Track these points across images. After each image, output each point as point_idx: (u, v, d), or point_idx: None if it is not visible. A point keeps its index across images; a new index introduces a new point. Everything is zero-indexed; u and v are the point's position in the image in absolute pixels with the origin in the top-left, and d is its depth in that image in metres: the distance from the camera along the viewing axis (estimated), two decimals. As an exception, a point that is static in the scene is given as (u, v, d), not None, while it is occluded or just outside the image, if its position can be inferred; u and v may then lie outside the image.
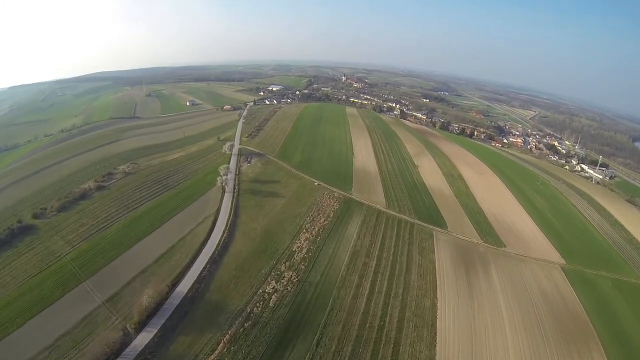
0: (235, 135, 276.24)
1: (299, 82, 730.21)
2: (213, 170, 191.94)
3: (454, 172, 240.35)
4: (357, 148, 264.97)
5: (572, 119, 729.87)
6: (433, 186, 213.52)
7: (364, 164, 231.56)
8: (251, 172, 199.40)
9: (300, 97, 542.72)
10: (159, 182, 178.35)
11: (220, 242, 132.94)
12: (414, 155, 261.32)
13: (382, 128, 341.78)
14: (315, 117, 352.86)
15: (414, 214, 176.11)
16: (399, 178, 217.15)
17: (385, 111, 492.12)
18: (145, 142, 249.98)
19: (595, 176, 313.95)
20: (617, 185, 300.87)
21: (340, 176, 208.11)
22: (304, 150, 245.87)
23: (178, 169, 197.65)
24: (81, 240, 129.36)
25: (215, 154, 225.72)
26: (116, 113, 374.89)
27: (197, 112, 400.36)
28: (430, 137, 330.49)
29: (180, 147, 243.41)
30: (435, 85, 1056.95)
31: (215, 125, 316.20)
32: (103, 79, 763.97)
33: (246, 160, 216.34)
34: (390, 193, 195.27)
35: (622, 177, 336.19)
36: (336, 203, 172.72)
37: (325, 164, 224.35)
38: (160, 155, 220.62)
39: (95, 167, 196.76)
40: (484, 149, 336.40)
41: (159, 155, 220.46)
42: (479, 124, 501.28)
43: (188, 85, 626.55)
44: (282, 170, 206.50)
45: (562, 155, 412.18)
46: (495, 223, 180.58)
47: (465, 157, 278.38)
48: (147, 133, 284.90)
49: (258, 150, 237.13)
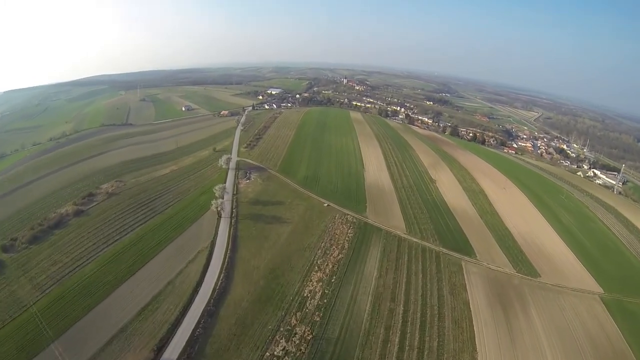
0: (232, 145, 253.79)
1: (299, 85, 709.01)
2: (207, 190, 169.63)
3: (475, 187, 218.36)
4: (367, 159, 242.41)
5: (576, 120, 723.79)
6: (455, 204, 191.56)
7: (376, 179, 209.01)
8: (251, 191, 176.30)
9: (300, 101, 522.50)
10: (146, 205, 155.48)
11: (216, 287, 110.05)
12: (430, 167, 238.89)
13: (391, 135, 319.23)
14: (319, 124, 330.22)
15: (438, 240, 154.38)
16: (417, 195, 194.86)
17: (390, 116, 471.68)
18: (134, 154, 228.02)
19: (609, 181, 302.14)
20: (631, 190, 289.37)
21: (352, 194, 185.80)
22: (309, 163, 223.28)
23: (168, 188, 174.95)
24: (52, 283, 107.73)
25: (211, 168, 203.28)
26: (108, 120, 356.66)
27: (192, 118, 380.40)
28: (443, 146, 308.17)
29: (172, 159, 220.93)
30: (437, 86, 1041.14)
31: (211, 133, 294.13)
32: (99, 82, 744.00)
33: (245, 176, 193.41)
34: (409, 214, 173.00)
35: (634, 182, 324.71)
36: (350, 229, 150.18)
37: (334, 180, 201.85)
38: (149, 170, 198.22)
39: (77, 185, 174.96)
40: (499, 157, 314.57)
41: (147, 170, 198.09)
42: (487, 128, 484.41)
43: (184, 89, 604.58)
44: (285, 188, 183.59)
45: (572, 159, 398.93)
46: (525, 247, 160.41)
47: (483, 168, 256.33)
48: (137, 143, 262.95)
49: (258, 164, 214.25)
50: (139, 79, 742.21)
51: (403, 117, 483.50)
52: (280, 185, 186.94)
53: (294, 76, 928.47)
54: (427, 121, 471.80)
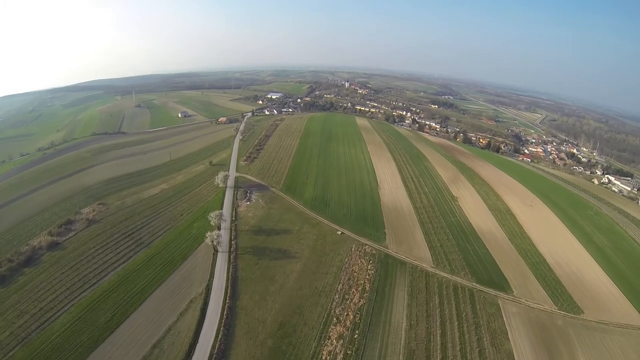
0: (231, 158, 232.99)
1: (300, 88, 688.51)
2: (201, 215, 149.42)
3: (500, 205, 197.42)
4: (381, 174, 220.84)
5: (580, 122, 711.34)
6: (481, 227, 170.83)
7: (393, 198, 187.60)
8: (252, 216, 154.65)
9: (302, 106, 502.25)
10: (130, 236, 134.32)
11: (213, 352, 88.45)
12: (449, 182, 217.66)
13: (403, 145, 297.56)
14: (325, 132, 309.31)
15: (470, 273, 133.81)
16: (439, 217, 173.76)
17: (397, 122, 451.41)
18: (122, 169, 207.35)
19: (624, 188, 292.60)
20: None
21: (368, 218, 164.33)
22: (316, 180, 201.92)
23: (157, 212, 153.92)
24: (16, 344, 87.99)
25: (206, 187, 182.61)
26: (101, 127, 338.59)
27: (189, 125, 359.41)
28: (459, 155, 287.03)
29: (163, 175, 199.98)
30: (439, 89, 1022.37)
31: (208, 143, 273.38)
32: (95, 87, 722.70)
33: (245, 197, 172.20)
34: (433, 241, 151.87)
35: None
36: (370, 265, 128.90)
37: (346, 200, 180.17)
38: (137, 190, 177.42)
39: (55, 209, 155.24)
40: (518, 167, 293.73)
41: (135, 190, 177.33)
42: (497, 132, 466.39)
43: (181, 94, 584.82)
44: (292, 212, 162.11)
45: (584, 164, 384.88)
46: (563, 277, 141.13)
47: (505, 182, 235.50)
48: (127, 155, 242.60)
49: (259, 181, 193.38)
50: (136, 84, 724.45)
51: (410, 122, 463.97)
52: (286, 207, 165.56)
53: (293, 79, 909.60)
54: (435, 126, 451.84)
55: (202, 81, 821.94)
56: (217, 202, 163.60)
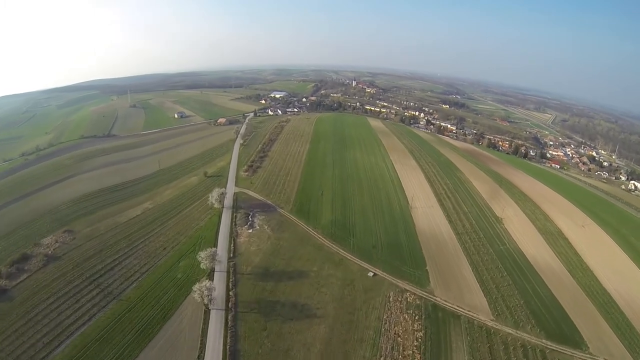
0: (229, 167, 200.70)
1: (304, 87, 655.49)
2: (190, 249, 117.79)
3: (551, 227, 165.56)
4: (409, 189, 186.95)
5: (593, 123, 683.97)
6: (536, 258, 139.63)
7: (429, 222, 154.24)
8: (256, 251, 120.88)
9: (309, 106, 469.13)
10: (96, 282, 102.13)
11: None
12: (489, 199, 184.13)
13: (427, 151, 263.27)
14: (337, 136, 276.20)
15: (537, 326, 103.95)
16: (487, 246, 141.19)
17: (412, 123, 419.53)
18: (102, 182, 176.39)
19: None
20: None
21: (403, 250, 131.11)
22: (334, 197, 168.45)
23: (134, 245, 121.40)
24: None
25: (198, 207, 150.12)
26: (91, 129, 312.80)
27: (184, 127, 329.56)
28: (490, 163, 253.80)
29: (148, 190, 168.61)
30: (444, 88, 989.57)
31: (204, 148, 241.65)
32: (92, 87, 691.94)
33: (246, 221, 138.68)
34: (487, 282, 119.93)
35: None
36: (417, 323, 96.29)
37: (374, 225, 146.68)
38: (115, 210, 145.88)
39: (14, 237, 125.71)
40: (554, 177, 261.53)
41: (112, 210, 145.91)
42: (516, 135, 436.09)
43: (179, 94, 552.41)
44: (307, 243, 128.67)
45: (607, 169, 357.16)
46: (637, 322, 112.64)
47: (548, 196, 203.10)
48: (112, 163, 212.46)
49: (264, 199, 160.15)
50: (134, 84, 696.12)
51: (424, 123, 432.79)
52: (299, 237, 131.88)
53: (296, 78, 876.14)
54: (451, 128, 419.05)
55: (201, 80, 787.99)
56: (210, 229, 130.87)
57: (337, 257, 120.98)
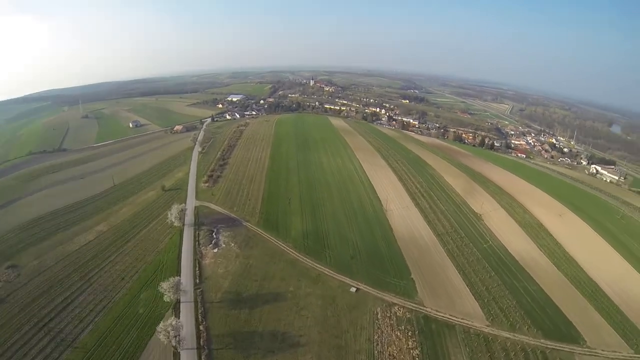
0: (188, 178, 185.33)
1: (261, 89, 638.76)
2: (151, 277, 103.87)
3: (530, 219, 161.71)
4: (381, 190, 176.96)
5: (548, 111, 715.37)
6: (521, 253, 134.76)
7: (407, 224, 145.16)
8: (224, 274, 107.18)
9: (267, 108, 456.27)
10: (46, 328, 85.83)
11: None
12: (465, 194, 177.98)
13: (394, 148, 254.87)
14: (299, 138, 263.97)
15: (533, 326, 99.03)
16: (470, 246, 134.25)
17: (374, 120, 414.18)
18: (51, 203, 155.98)
19: (611, 177, 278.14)
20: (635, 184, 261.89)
21: (384, 259, 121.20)
22: (302, 204, 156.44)
23: (87, 277, 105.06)
24: None
25: (157, 225, 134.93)
26: (41, 144, 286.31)
27: (140, 137, 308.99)
28: (460, 158, 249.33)
29: (102, 209, 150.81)
30: (403, 83, 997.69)
31: (161, 159, 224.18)
32: (44, 98, 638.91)
33: (211, 240, 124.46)
34: (476, 285, 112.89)
35: (632, 175, 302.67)
36: (411, 340, 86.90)
37: (349, 233, 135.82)
38: (65, 237, 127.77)
39: None
40: (524, 167, 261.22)
41: (62, 237, 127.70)
42: (479, 127, 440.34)
43: (134, 102, 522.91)
44: (279, 260, 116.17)
45: (567, 155, 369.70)
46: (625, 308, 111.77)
47: (522, 188, 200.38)
48: (63, 181, 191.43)
49: (228, 212, 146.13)
50: (87, 92, 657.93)
51: (386, 120, 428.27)
52: (270, 253, 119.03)
53: (253, 80, 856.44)
54: (414, 123, 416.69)
55: (157, 87, 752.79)
56: (171, 251, 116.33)
57: (313, 272, 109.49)
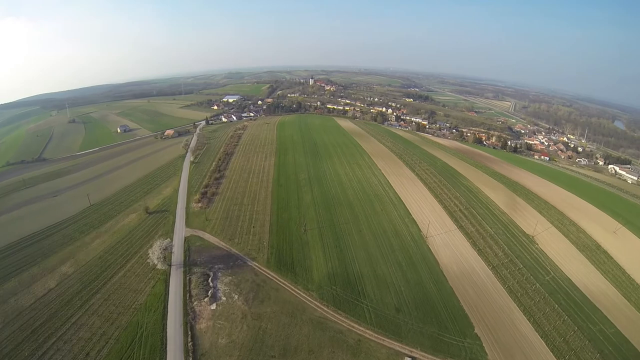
0: (177, 196, 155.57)
1: (259, 89, 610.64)
2: (126, 351, 75.66)
3: (585, 240, 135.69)
4: (416, 211, 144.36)
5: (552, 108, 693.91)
6: (588, 286, 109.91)
7: (455, 256, 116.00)
8: (228, 347, 76.92)
9: (265, 109, 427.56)
10: None
11: None
12: (511, 212, 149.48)
13: (418, 155, 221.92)
14: (306, 143, 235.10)
15: None
16: (532, 280, 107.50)
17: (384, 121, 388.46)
18: (16, 229, 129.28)
19: (631, 178, 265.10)
20: None
21: (437, 308, 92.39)
22: (323, 234, 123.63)
23: (39, 350, 76.43)
24: None
25: (135, 268, 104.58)
26: (22, 152, 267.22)
27: (127, 143, 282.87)
28: (491, 164, 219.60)
29: (71, 240, 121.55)
30: (402, 81, 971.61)
31: (147, 170, 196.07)
32: (33, 103, 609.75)
33: (206, 291, 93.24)
34: (551, 336, 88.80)
35: None
36: None
37: (387, 273, 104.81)
38: (20, 283, 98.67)
39: None
40: (554, 172, 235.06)
41: (16, 283, 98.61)
42: (491, 126, 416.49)
43: (125, 104, 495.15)
44: (302, 319, 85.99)
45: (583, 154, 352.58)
46: None
47: (565, 199, 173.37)
48: (35, 199, 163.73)
49: (227, 246, 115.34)
50: (78, 96, 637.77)
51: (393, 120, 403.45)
52: (289, 310, 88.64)
53: (250, 80, 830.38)
54: (423, 123, 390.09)
55: (150, 89, 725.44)
56: (154, 308, 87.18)
57: (350, 337, 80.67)
